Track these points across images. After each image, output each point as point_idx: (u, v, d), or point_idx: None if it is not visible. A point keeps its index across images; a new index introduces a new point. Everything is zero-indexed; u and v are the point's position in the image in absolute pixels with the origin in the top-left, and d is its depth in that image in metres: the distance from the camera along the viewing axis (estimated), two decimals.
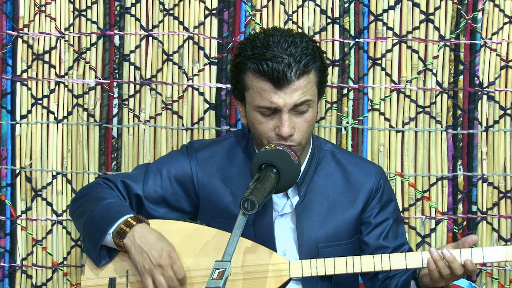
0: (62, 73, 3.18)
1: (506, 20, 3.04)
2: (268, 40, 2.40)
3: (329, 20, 3.08)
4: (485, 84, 3.06)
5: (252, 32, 3.09)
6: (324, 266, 2.38)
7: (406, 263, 2.36)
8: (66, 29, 3.17)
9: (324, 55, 2.55)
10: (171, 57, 3.13)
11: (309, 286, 2.51)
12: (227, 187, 2.54)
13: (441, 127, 3.08)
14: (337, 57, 3.06)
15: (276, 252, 2.47)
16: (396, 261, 2.37)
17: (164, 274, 2.32)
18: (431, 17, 3.05)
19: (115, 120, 3.17)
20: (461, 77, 3.06)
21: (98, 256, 2.41)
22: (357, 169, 2.60)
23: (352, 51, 3.08)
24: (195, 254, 2.39)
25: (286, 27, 3.04)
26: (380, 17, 3.07)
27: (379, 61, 3.07)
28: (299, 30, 2.98)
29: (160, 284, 2.32)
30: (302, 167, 2.54)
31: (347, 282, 2.60)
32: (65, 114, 3.19)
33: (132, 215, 2.41)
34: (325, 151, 2.61)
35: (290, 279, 2.39)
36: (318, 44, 2.49)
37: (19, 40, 3.19)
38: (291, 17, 3.08)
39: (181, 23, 3.12)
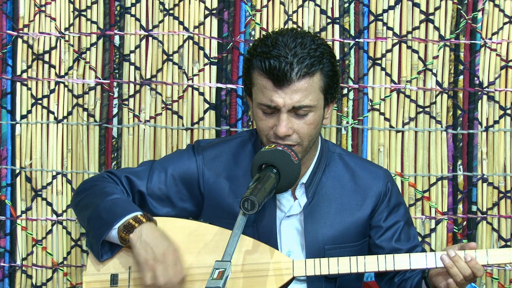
0: (62, 73, 3.18)
1: (506, 20, 3.04)
2: (277, 39, 2.40)
3: (329, 20, 3.08)
4: (485, 84, 3.06)
5: (252, 32, 3.09)
6: (328, 266, 2.37)
7: (410, 263, 2.37)
8: (66, 29, 3.17)
9: (337, 62, 2.49)
10: (171, 57, 3.13)
11: (314, 287, 2.51)
12: (232, 187, 2.54)
13: (441, 127, 3.08)
14: (337, 57, 3.06)
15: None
16: (400, 262, 2.37)
17: (165, 272, 2.32)
18: (431, 17, 3.05)
19: (115, 120, 3.17)
20: (461, 77, 3.06)
21: (100, 251, 2.41)
22: (365, 172, 2.59)
23: (352, 51, 3.08)
24: (197, 251, 2.39)
25: (286, 27, 3.04)
26: (380, 17, 3.07)
27: (379, 61, 3.08)
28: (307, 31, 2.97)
29: (159, 280, 2.32)
30: (310, 169, 2.55)
31: (351, 284, 2.60)
32: (65, 114, 3.19)
33: (141, 213, 2.41)
34: (333, 153, 2.61)
35: (293, 278, 2.39)
36: (330, 49, 2.46)
37: (19, 40, 3.19)
38: (291, 17, 3.08)
39: (181, 23, 3.12)
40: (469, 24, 3.05)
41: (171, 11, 3.12)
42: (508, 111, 3.06)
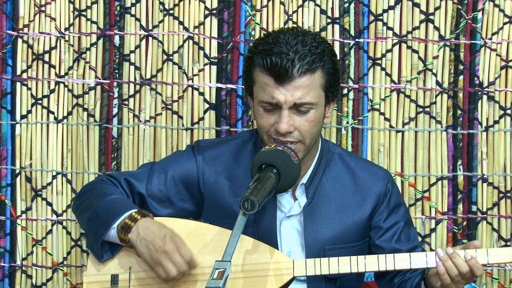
0: (62, 73, 3.18)
1: (506, 20, 3.04)
2: (278, 37, 2.41)
3: (329, 20, 3.08)
4: (485, 84, 3.06)
5: (252, 32, 3.09)
6: (328, 265, 2.37)
7: (411, 263, 2.37)
8: (66, 29, 3.17)
9: (338, 60, 2.51)
10: (171, 57, 3.13)
11: (314, 287, 2.51)
12: (232, 187, 2.54)
13: (441, 127, 3.08)
14: (337, 57, 3.06)
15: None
16: (400, 261, 2.37)
17: (171, 260, 2.32)
18: (431, 17, 3.05)
19: (115, 120, 3.17)
20: (461, 77, 3.06)
21: (100, 251, 2.41)
22: (365, 173, 2.59)
23: (352, 51, 3.08)
24: (197, 251, 2.39)
25: (286, 27, 3.04)
26: (380, 17, 3.07)
27: (379, 61, 3.08)
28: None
29: (170, 270, 2.32)
30: (310, 169, 2.55)
31: (351, 284, 2.60)
32: (65, 114, 3.19)
33: (136, 210, 2.42)
34: (333, 153, 2.61)
35: (293, 278, 2.39)
36: (331, 47, 2.47)
37: (19, 40, 3.19)
38: (291, 17, 3.08)
39: (181, 23, 3.12)
40: (469, 24, 3.05)
41: (171, 11, 3.12)
42: (508, 111, 3.06)
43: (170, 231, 2.36)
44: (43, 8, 3.17)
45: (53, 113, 3.19)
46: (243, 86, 2.99)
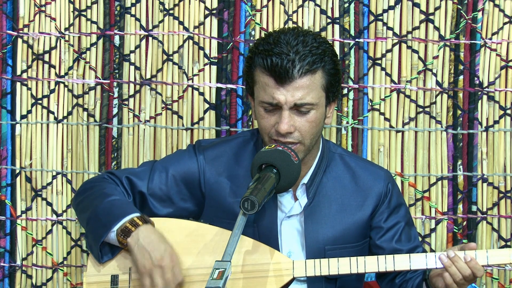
0: (62, 73, 3.18)
1: (506, 20, 3.04)
2: (279, 37, 2.41)
3: (329, 20, 3.08)
4: (485, 84, 3.06)
5: (252, 32, 3.09)
6: (328, 266, 2.37)
7: (410, 263, 2.37)
8: (66, 29, 3.17)
9: (339, 60, 2.51)
10: (171, 57, 3.13)
11: (314, 287, 2.51)
12: (233, 187, 2.54)
13: (441, 127, 3.08)
14: (338, 57, 3.06)
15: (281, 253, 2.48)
16: (400, 262, 2.37)
17: (163, 276, 2.32)
18: (431, 17, 3.05)
19: (115, 120, 3.17)
20: (461, 77, 3.06)
21: (100, 252, 2.41)
22: (365, 173, 2.59)
23: (352, 51, 3.08)
24: (197, 252, 2.39)
25: (286, 27, 3.04)
26: (380, 17, 3.07)
27: (379, 61, 3.08)
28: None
29: (157, 285, 2.32)
30: (311, 169, 2.55)
31: (352, 284, 2.60)
32: (65, 114, 3.19)
33: (138, 215, 2.41)
34: (334, 153, 2.61)
35: (293, 279, 2.39)
36: (332, 48, 2.47)
37: (19, 40, 3.19)
38: (291, 17, 3.08)
39: (181, 23, 3.12)
40: (469, 24, 3.05)
41: (171, 11, 3.12)
42: (508, 111, 3.06)
43: (170, 247, 2.36)
44: (43, 8, 3.17)
45: (53, 113, 3.19)
46: (244, 86, 2.99)
